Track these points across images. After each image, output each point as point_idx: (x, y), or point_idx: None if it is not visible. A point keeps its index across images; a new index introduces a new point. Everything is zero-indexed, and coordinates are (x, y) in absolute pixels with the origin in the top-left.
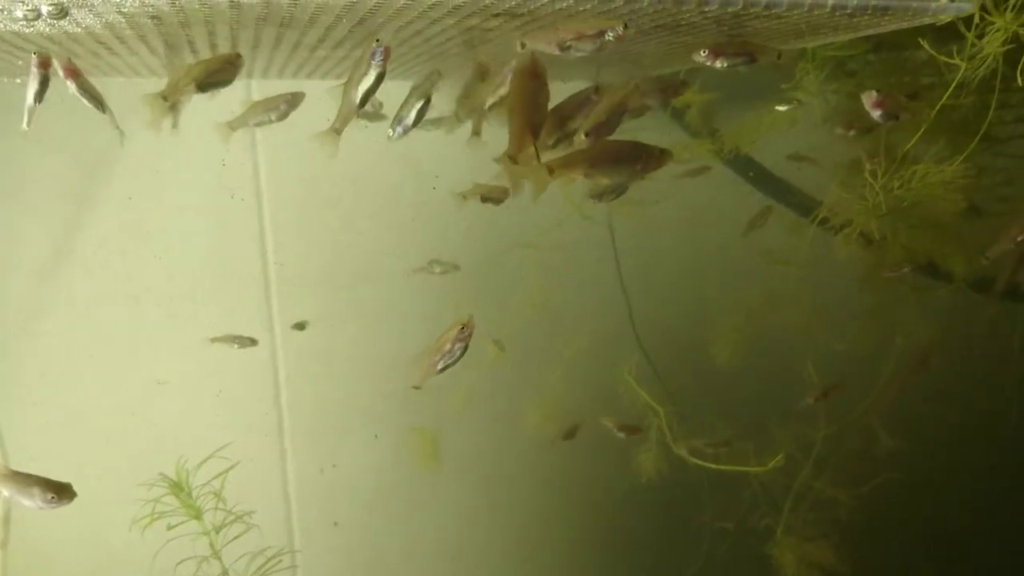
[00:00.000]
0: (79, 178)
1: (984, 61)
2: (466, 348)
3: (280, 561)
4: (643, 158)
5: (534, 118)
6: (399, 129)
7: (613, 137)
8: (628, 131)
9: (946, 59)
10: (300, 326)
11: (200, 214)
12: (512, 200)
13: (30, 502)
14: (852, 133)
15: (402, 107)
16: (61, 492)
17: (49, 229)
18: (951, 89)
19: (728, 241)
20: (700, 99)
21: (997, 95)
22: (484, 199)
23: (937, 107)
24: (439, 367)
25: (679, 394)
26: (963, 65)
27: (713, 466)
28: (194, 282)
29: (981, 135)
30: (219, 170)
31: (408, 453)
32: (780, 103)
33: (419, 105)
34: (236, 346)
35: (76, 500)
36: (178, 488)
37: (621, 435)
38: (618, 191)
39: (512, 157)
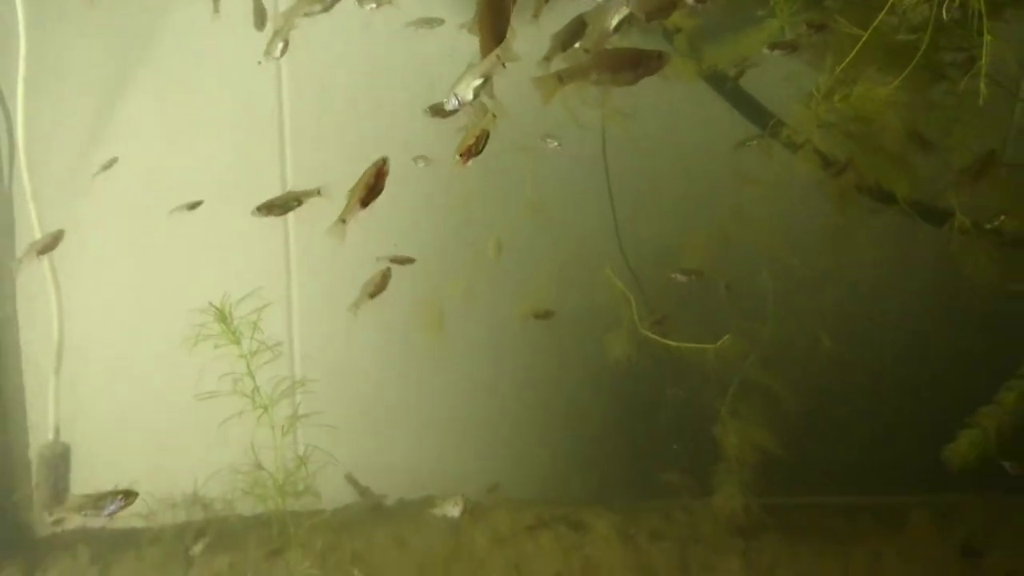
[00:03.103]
0: (113, 68)
1: None
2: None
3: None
4: (643, 62)
5: (497, 30)
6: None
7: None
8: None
9: None
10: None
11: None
12: (513, 108)
13: (104, 512)
14: (777, 52)
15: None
16: (128, 497)
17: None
18: (879, 19)
19: (711, 159)
20: (689, 23)
21: (933, 32)
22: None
23: (867, 33)
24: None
25: (650, 290)
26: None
27: (667, 342)
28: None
29: (915, 65)
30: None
31: (414, 323)
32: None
33: (477, 84)
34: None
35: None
36: (222, 316)
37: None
38: None
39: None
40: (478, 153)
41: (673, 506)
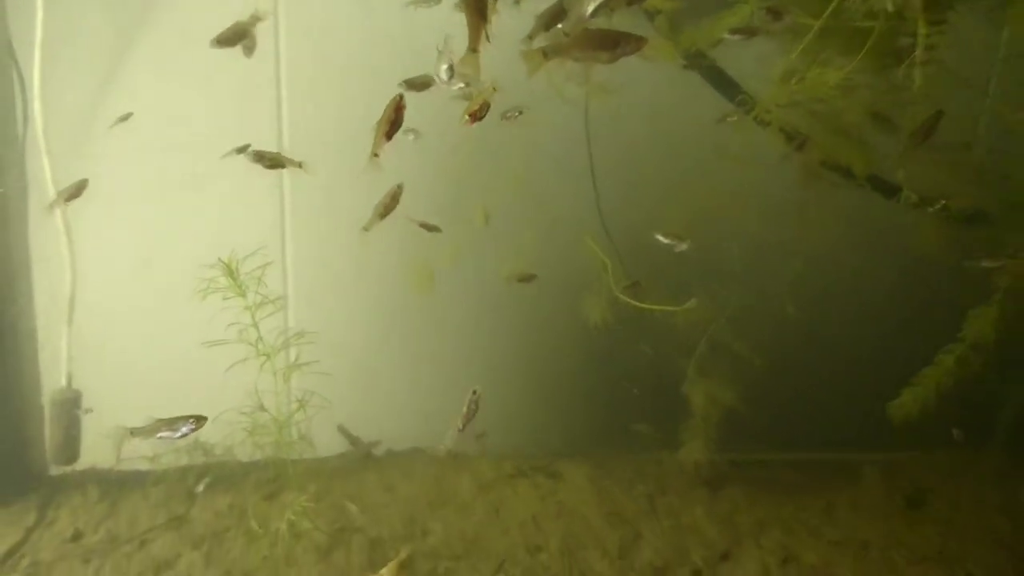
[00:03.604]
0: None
1: None
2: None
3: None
4: (621, 43)
5: (483, 11)
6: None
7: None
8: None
9: None
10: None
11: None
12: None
13: (178, 434)
14: (737, 37)
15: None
16: (199, 420)
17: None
18: (831, 8)
19: (688, 135)
20: (668, 6)
21: (891, 19)
22: None
23: (819, 22)
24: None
25: (627, 257)
26: None
27: (638, 304)
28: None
29: (875, 51)
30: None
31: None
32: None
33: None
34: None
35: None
36: (230, 271)
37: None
38: None
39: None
40: (480, 119)
41: (644, 459)
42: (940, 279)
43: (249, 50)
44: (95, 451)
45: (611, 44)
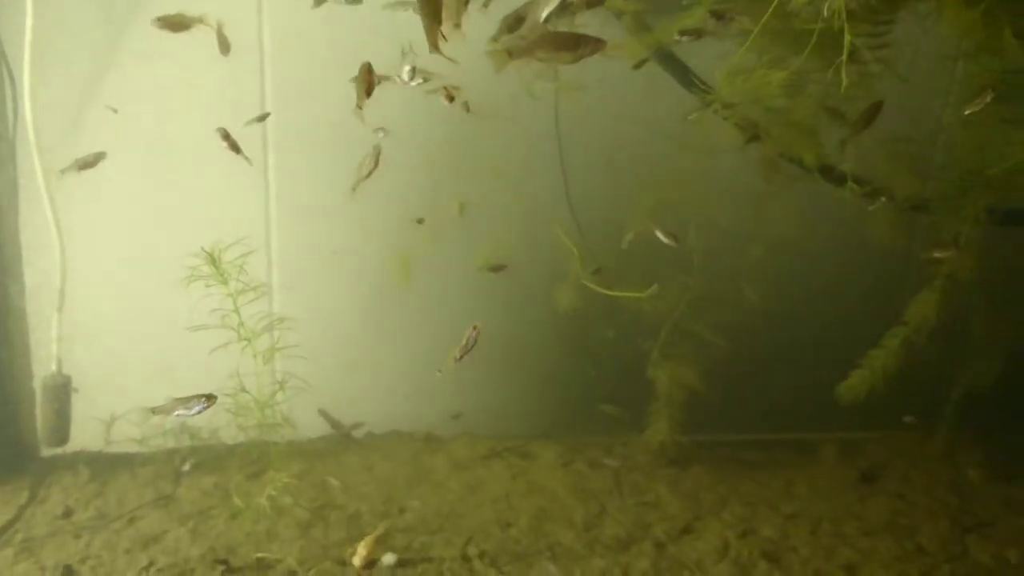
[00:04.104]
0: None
1: None
2: None
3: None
4: (581, 45)
5: (435, 10)
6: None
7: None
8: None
9: None
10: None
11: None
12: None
13: (193, 411)
14: (684, 38)
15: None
16: (210, 399)
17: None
18: (771, 11)
19: (654, 127)
20: (630, 8)
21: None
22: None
23: (759, 25)
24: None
25: (594, 246)
26: None
27: (603, 291)
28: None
29: (813, 50)
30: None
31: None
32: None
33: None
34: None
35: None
36: (213, 260)
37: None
38: None
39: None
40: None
41: (613, 441)
42: (891, 265)
43: (225, 49)
44: (85, 434)
45: (572, 45)
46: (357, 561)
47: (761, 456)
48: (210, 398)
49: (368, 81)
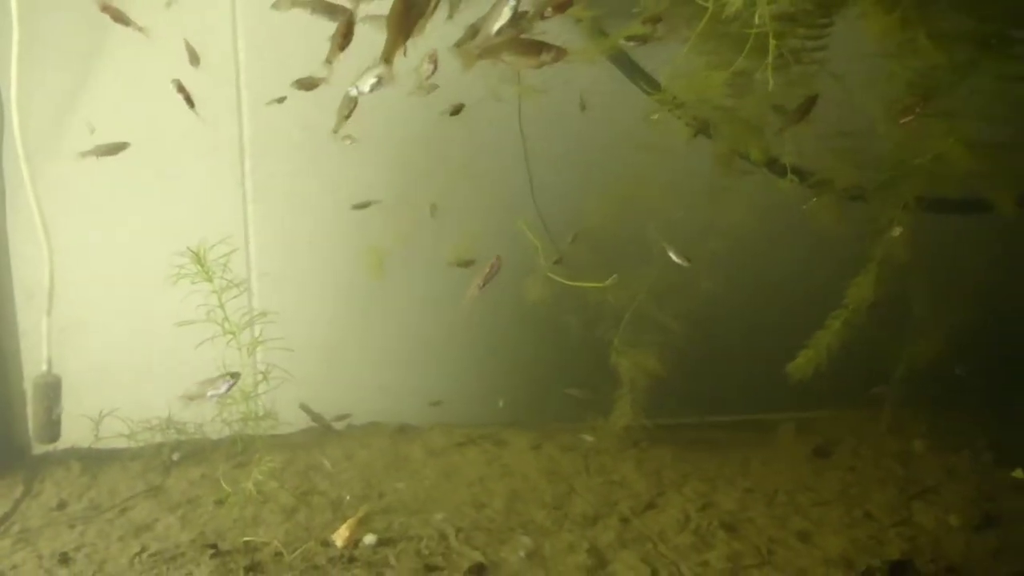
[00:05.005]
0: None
1: None
2: None
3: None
4: (544, 51)
5: (403, 27)
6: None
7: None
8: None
9: None
10: None
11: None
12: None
13: (223, 390)
14: (632, 43)
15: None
16: (234, 377)
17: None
18: (706, 19)
19: (615, 128)
20: (587, 14)
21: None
22: None
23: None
24: None
25: (557, 240)
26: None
27: (566, 281)
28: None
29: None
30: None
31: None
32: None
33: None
34: None
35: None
36: (198, 258)
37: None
38: None
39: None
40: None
41: (582, 426)
42: (841, 252)
43: (195, 60)
44: (75, 431)
45: (535, 52)
46: (340, 542)
47: (722, 436)
48: (235, 375)
49: (345, 35)
